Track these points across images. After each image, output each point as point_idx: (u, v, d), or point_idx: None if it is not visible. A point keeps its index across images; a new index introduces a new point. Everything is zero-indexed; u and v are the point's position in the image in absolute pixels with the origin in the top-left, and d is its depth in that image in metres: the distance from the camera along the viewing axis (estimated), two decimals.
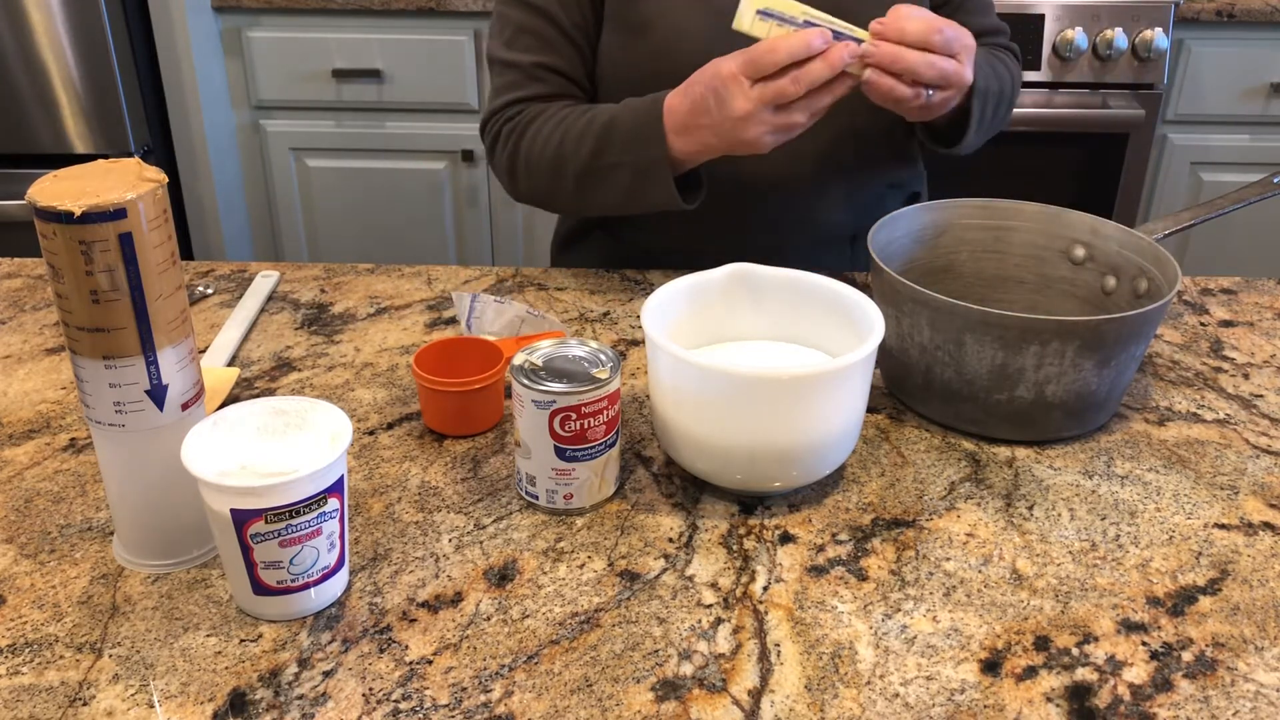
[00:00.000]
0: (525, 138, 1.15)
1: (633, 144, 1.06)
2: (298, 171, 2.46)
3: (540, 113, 1.15)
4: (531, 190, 1.18)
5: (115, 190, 0.66)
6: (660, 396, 0.83)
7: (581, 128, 1.10)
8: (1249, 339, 1.09)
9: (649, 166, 1.06)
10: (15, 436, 0.91)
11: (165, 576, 0.76)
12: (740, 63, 0.97)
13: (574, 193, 1.13)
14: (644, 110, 1.06)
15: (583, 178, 1.11)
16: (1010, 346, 0.86)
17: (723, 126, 1.00)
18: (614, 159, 1.08)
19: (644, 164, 1.06)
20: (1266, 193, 1.10)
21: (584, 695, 0.66)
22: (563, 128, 1.12)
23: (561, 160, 1.11)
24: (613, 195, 1.11)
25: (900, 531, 0.81)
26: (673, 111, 1.04)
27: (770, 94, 0.96)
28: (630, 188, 1.08)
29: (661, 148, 1.04)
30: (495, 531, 0.80)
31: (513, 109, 1.18)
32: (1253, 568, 0.78)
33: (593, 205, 1.15)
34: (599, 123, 1.09)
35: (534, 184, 1.17)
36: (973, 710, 0.66)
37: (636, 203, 1.10)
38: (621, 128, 1.07)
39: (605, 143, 1.08)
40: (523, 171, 1.16)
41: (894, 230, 1.01)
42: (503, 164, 1.19)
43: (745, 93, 0.97)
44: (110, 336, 0.68)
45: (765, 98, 0.96)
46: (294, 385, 0.99)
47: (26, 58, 2.17)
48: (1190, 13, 2.22)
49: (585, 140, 1.10)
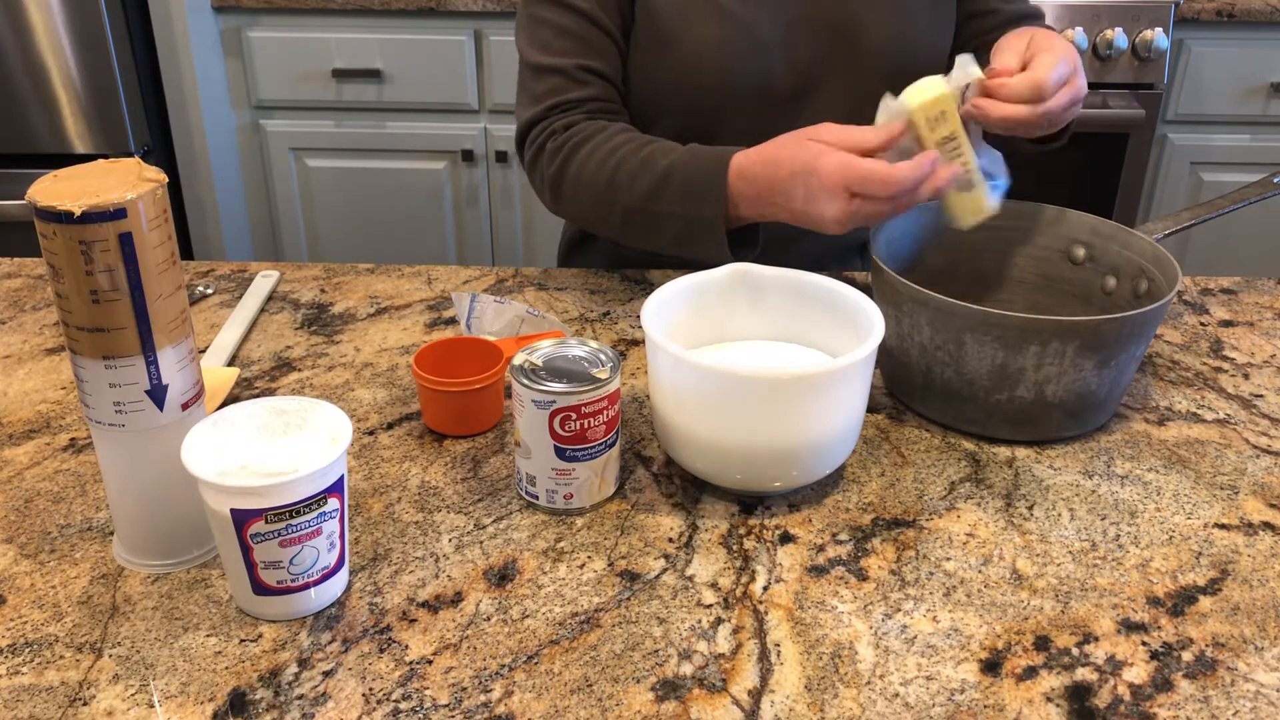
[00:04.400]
0: (575, 159, 1.10)
1: (690, 197, 1.02)
2: (298, 171, 2.45)
3: (593, 135, 1.10)
4: (575, 213, 1.15)
5: (115, 190, 0.66)
6: (660, 396, 0.83)
7: (637, 165, 1.06)
8: (1249, 339, 1.09)
9: (703, 222, 1.02)
10: (15, 436, 0.91)
11: (165, 576, 0.76)
12: (848, 176, 0.91)
13: (619, 227, 1.10)
14: (707, 164, 1.02)
15: (632, 215, 1.07)
16: (1010, 346, 0.86)
17: (802, 217, 0.96)
18: (667, 207, 1.04)
19: (698, 219, 1.02)
20: (1266, 193, 1.10)
21: (584, 695, 0.66)
22: (617, 158, 1.07)
23: (612, 193, 1.07)
24: (659, 240, 1.07)
25: (900, 531, 0.81)
26: (745, 178, 0.99)
27: (866, 214, 0.92)
28: (679, 237, 1.05)
29: (720, 206, 1.01)
30: (495, 531, 0.80)
31: (556, 117, 1.13)
32: (1253, 568, 0.78)
33: (636, 241, 1.11)
34: (658, 167, 1.05)
35: (579, 208, 1.13)
36: (973, 710, 0.66)
37: (684, 249, 1.06)
38: (681, 177, 1.03)
39: (661, 188, 1.04)
40: (568, 193, 1.12)
41: (894, 230, 1.01)
42: (546, 180, 1.14)
43: (843, 204, 0.92)
44: (110, 336, 0.68)
45: (861, 215, 0.92)
46: (294, 385, 0.99)
47: (26, 58, 2.17)
48: (1190, 13, 2.22)
49: (640, 180, 1.05)
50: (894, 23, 1.13)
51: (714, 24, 1.12)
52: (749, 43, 1.11)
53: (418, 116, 2.39)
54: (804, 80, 1.14)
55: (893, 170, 0.90)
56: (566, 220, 1.18)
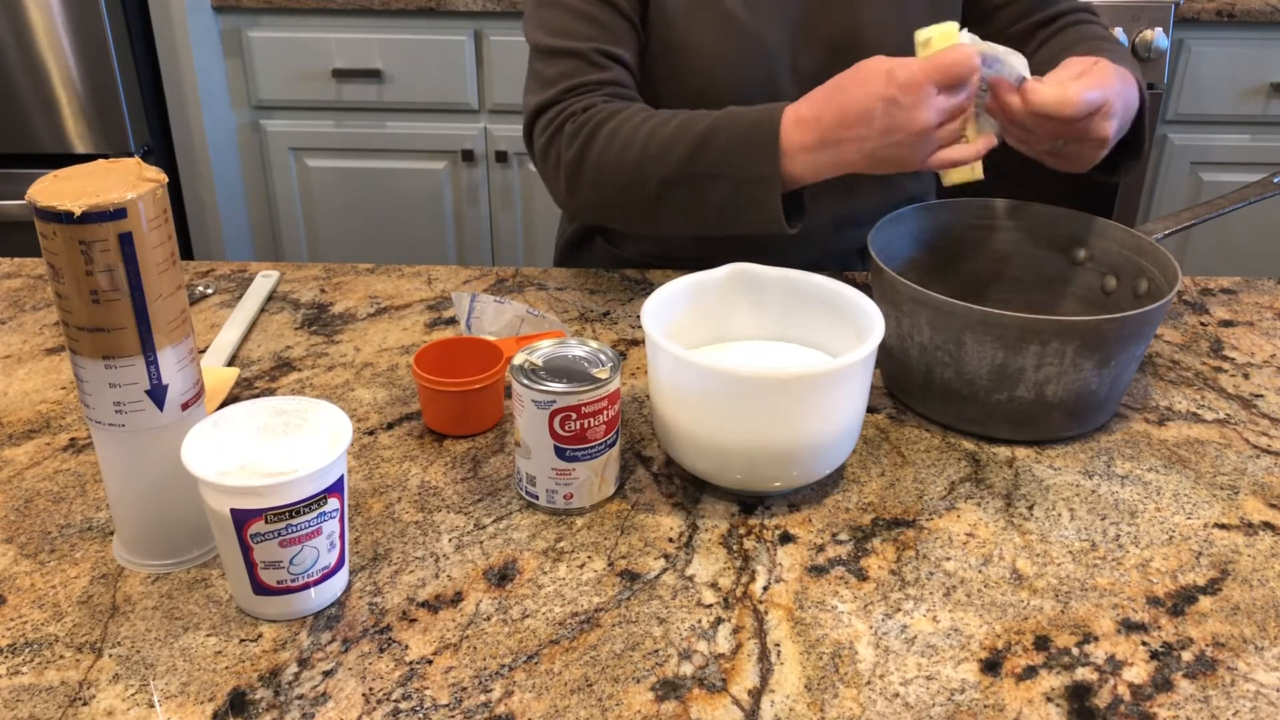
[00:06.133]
0: (598, 139, 1.02)
1: (738, 153, 0.94)
2: (298, 171, 2.45)
3: (616, 112, 1.02)
4: (596, 200, 1.05)
5: (115, 190, 0.66)
6: (660, 396, 0.83)
7: (672, 131, 0.98)
8: (1249, 339, 1.09)
9: (755, 182, 0.94)
10: (15, 436, 0.91)
11: (165, 576, 0.76)
12: (928, 69, 0.87)
13: (653, 203, 1.00)
14: (756, 119, 0.95)
15: (668, 188, 0.98)
16: (1010, 346, 0.86)
17: (888, 138, 0.89)
18: (711, 168, 0.95)
19: (750, 177, 0.94)
20: (1266, 193, 1.10)
21: (584, 695, 0.66)
22: (647, 128, 0.99)
23: (644, 167, 0.99)
24: (702, 210, 0.99)
25: (900, 531, 0.81)
26: (803, 124, 0.93)
27: (957, 108, 0.87)
28: (726, 203, 0.97)
29: (774, 164, 0.93)
30: (495, 531, 0.80)
31: (573, 100, 1.06)
32: (1253, 568, 0.78)
33: (673, 221, 1.02)
34: (697, 128, 0.97)
35: (601, 193, 1.04)
36: (973, 710, 0.66)
37: (729, 221, 0.98)
38: (726, 135, 0.95)
39: (703, 148, 0.96)
40: (589, 178, 1.03)
41: (894, 230, 1.01)
42: (562, 166, 1.05)
43: (933, 103, 0.87)
44: (110, 336, 0.68)
45: (953, 111, 0.87)
46: (294, 385, 0.99)
47: (26, 58, 2.17)
48: (1190, 13, 2.22)
49: (677, 145, 0.97)
50: (896, 32, 1.12)
51: (723, 32, 1.11)
52: (758, 51, 1.11)
53: (418, 116, 2.39)
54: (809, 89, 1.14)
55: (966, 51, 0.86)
56: (582, 213, 1.09)
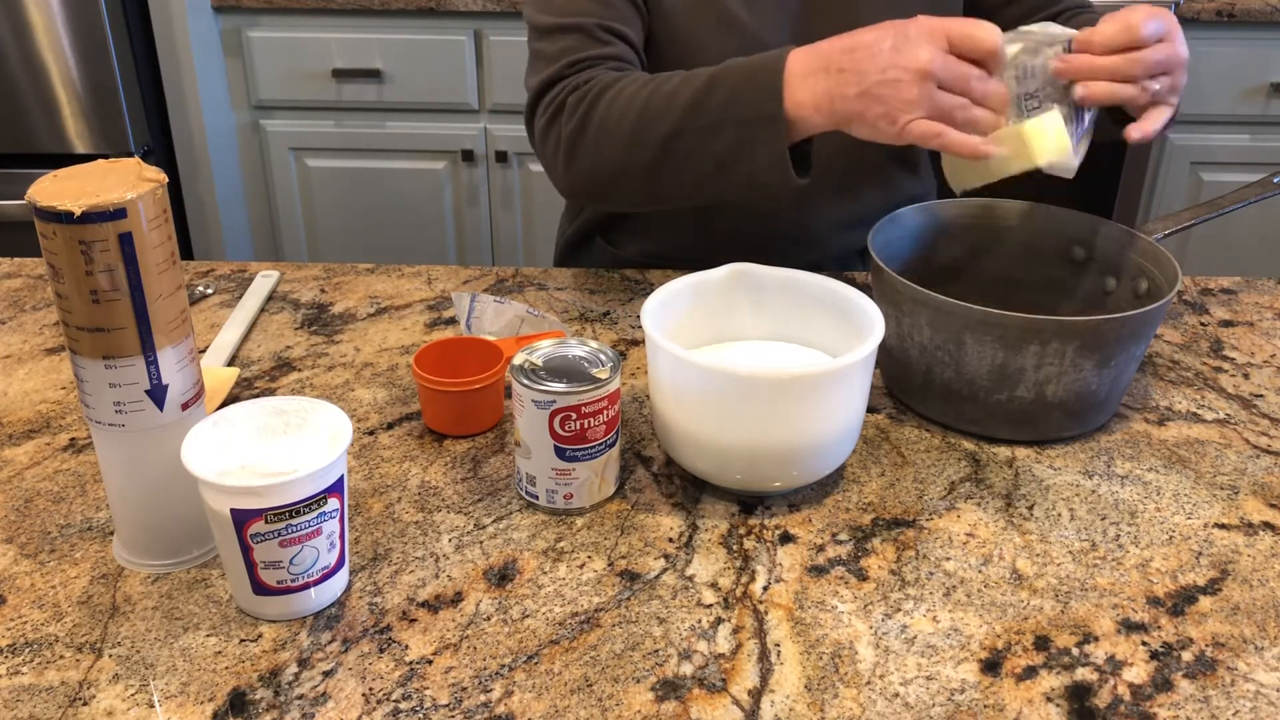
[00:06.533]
0: (600, 105, 1.00)
1: (741, 98, 0.93)
2: (298, 171, 2.45)
3: (617, 80, 1.01)
4: (595, 168, 1.03)
5: (115, 190, 0.66)
6: (660, 396, 0.83)
7: (675, 86, 0.97)
8: (1249, 339, 1.09)
9: (759, 122, 0.92)
10: (15, 436, 0.91)
11: (165, 576, 0.76)
12: (948, 23, 0.87)
13: (652, 164, 0.99)
14: (762, 59, 0.94)
15: (670, 142, 0.97)
16: (1010, 346, 0.86)
17: (886, 74, 0.87)
18: (714, 117, 0.94)
19: (753, 119, 0.92)
20: (1266, 193, 1.10)
21: (584, 695, 0.66)
22: (649, 89, 0.98)
23: (645, 124, 0.97)
24: (703, 165, 0.97)
25: (900, 531, 0.81)
26: (810, 51, 0.92)
27: (956, 71, 0.87)
28: (728, 152, 0.95)
29: (777, 103, 0.91)
30: (495, 531, 0.80)
31: (575, 74, 1.04)
32: (1253, 568, 0.78)
33: (674, 184, 1.00)
34: (699, 80, 0.96)
35: (600, 160, 1.02)
36: (973, 710, 0.66)
37: (730, 173, 0.96)
38: (729, 81, 0.94)
39: (705, 97, 0.95)
40: (590, 144, 1.01)
41: (894, 230, 1.01)
42: (562, 140, 1.04)
43: (936, 47, 0.86)
44: (110, 336, 0.68)
45: (950, 70, 0.87)
46: (294, 385, 0.99)
47: (26, 58, 2.17)
48: (1190, 13, 2.22)
49: (678, 98, 0.96)
50: None
51: (723, 32, 1.11)
52: (756, 51, 1.11)
53: (418, 116, 2.39)
54: None
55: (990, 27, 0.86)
56: (580, 190, 1.07)
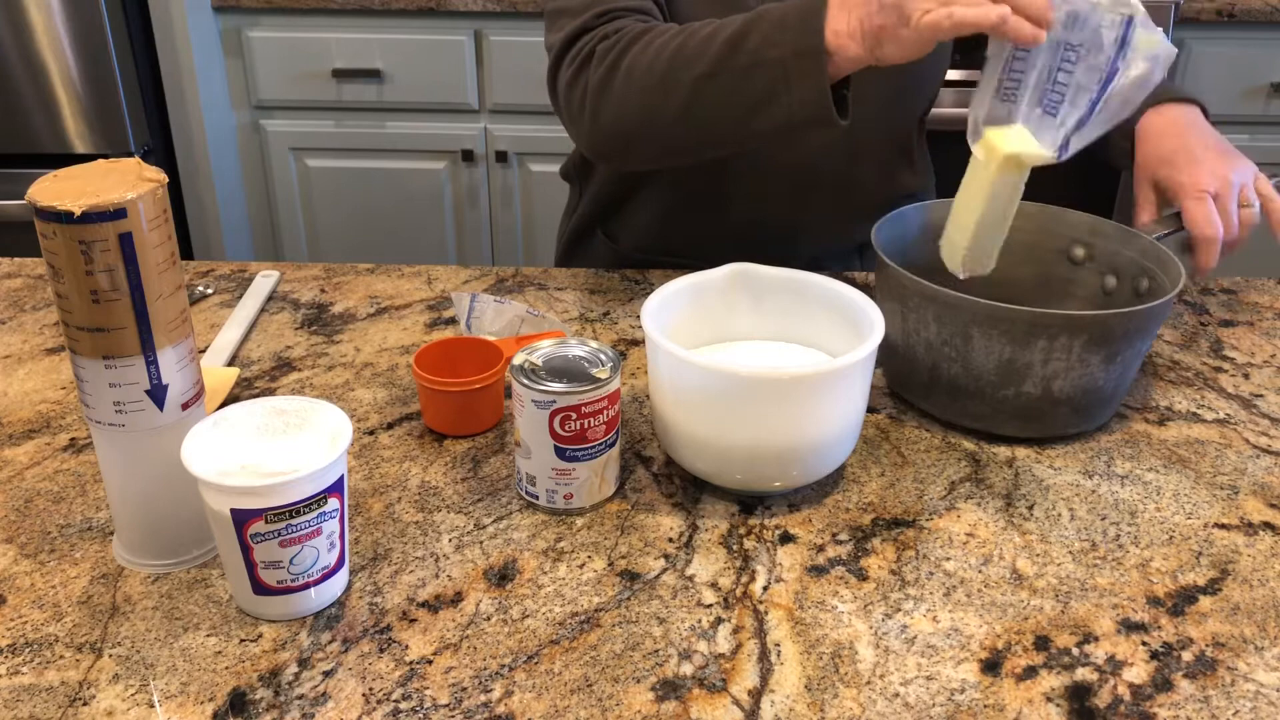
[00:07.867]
0: (632, 51, 0.99)
1: (779, 35, 0.92)
2: (298, 171, 2.46)
3: (649, 28, 1.00)
4: (622, 114, 1.00)
5: (115, 190, 0.66)
6: (660, 396, 0.83)
7: (711, 30, 0.96)
8: (1249, 339, 1.09)
9: (800, 55, 0.91)
10: (15, 436, 0.91)
11: (165, 576, 0.76)
12: None
13: (681, 109, 0.97)
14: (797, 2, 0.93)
15: (703, 83, 0.95)
16: (1018, 341, 0.86)
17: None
18: (751, 56, 0.93)
19: (794, 53, 0.91)
20: None
21: (584, 695, 0.66)
22: (684, 34, 0.97)
23: (678, 66, 0.96)
24: (737, 101, 0.95)
25: (900, 531, 0.81)
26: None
27: None
28: (765, 91, 0.93)
29: (819, 35, 0.90)
30: (495, 531, 0.80)
31: (605, 23, 1.03)
32: (1253, 568, 0.78)
33: (700, 128, 0.98)
34: (736, 22, 0.95)
35: (627, 106, 0.99)
36: (973, 710, 0.66)
37: (765, 113, 0.94)
38: (768, 18, 0.93)
39: (743, 39, 0.93)
40: (618, 90, 0.99)
41: (896, 228, 1.01)
42: (589, 90, 1.01)
43: None
44: (110, 336, 0.68)
45: None
46: (294, 385, 0.99)
47: (26, 58, 2.17)
48: (1190, 13, 2.21)
49: (715, 39, 0.95)
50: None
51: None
52: None
53: (418, 116, 2.39)
54: None
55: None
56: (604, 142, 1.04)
